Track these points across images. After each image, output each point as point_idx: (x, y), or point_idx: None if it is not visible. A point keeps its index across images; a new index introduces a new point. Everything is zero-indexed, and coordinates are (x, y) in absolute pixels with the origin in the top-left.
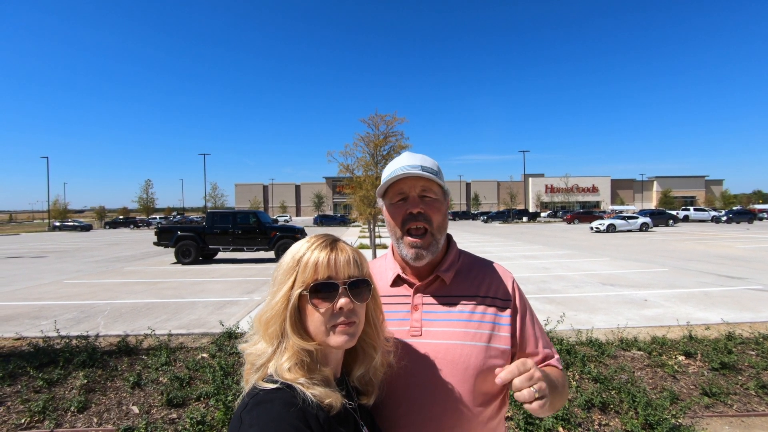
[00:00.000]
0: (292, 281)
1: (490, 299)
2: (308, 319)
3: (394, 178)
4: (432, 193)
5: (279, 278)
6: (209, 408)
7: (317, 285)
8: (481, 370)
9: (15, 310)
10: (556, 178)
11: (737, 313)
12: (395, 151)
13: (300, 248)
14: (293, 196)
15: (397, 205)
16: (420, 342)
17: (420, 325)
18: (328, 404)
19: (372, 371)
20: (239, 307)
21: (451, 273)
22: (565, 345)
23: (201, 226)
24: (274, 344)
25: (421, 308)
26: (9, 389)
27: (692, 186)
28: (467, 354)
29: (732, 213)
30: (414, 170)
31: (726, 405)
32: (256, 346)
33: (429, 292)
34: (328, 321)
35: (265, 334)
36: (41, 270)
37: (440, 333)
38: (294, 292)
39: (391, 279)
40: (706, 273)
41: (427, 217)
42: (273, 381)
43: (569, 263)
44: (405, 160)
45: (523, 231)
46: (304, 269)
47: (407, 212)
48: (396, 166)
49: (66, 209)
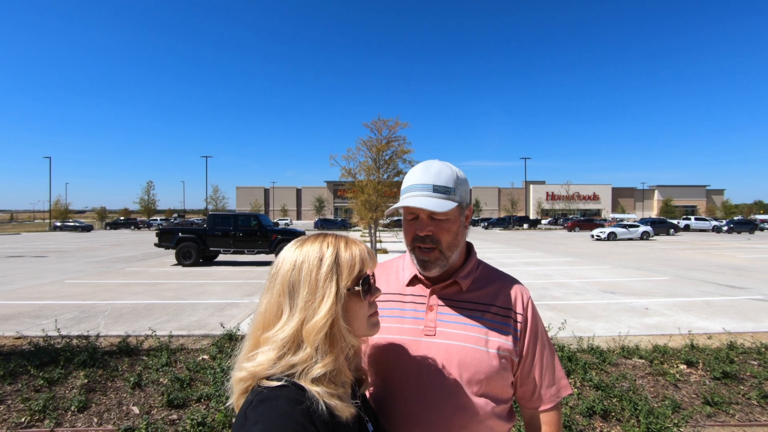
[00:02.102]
0: (336, 281)
1: (504, 310)
2: (353, 314)
3: (404, 201)
4: (441, 215)
5: (315, 283)
6: (210, 409)
7: (366, 278)
8: (492, 375)
9: (16, 309)
10: (557, 185)
11: (739, 322)
12: (397, 156)
13: (324, 249)
14: (294, 200)
15: (409, 222)
16: (433, 341)
17: (434, 325)
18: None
19: (360, 358)
20: (240, 310)
21: (468, 280)
22: (567, 352)
23: (202, 228)
24: (322, 351)
25: (436, 309)
26: (9, 388)
27: (693, 195)
28: (479, 358)
29: (733, 223)
30: (422, 193)
31: (728, 414)
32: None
33: (445, 295)
34: (368, 312)
35: (313, 343)
36: (42, 269)
37: (454, 335)
38: (342, 291)
39: (408, 278)
40: (707, 282)
41: (435, 239)
42: (278, 379)
43: (570, 270)
44: (419, 177)
45: (524, 238)
46: (350, 267)
47: (416, 233)
48: (411, 182)
49: (67, 209)
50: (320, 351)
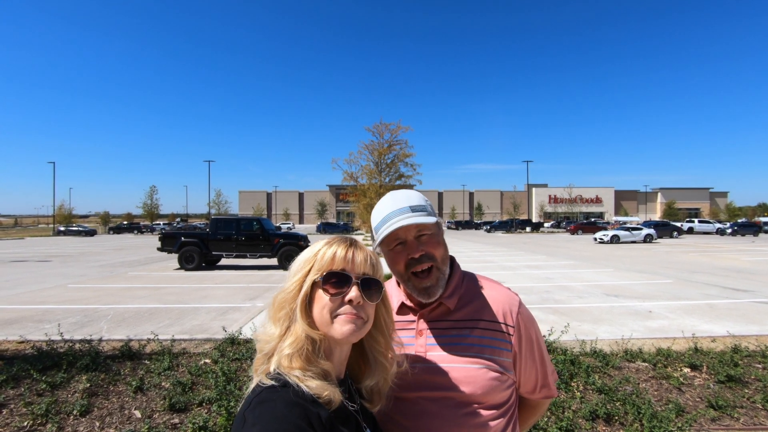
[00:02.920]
0: (308, 269)
1: (493, 323)
2: (315, 305)
3: (389, 231)
4: (427, 230)
5: (295, 267)
6: (211, 413)
7: (331, 273)
8: (488, 390)
9: (19, 314)
10: (559, 188)
11: (743, 325)
12: (399, 160)
13: (320, 243)
14: (296, 204)
15: (396, 250)
16: (425, 366)
17: (425, 350)
18: (327, 398)
19: (383, 381)
20: (242, 314)
21: (454, 299)
22: (569, 355)
23: (205, 232)
24: (282, 328)
25: (425, 333)
26: (12, 392)
27: (697, 198)
28: (472, 376)
29: (737, 225)
30: (404, 215)
31: (732, 418)
32: (266, 330)
33: (433, 318)
34: (335, 310)
35: (275, 317)
36: (46, 274)
37: (444, 357)
38: (308, 278)
39: (396, 306)
40: (711, 285)
41: (430, 255)
42: (276, 378)
43: (573, 274)
44: (391, 204)
45: (526, 241)
46: (321, 258)
47: (409, 257)
48: (385, 212)
49: (71, 214)
50: (282, 325)
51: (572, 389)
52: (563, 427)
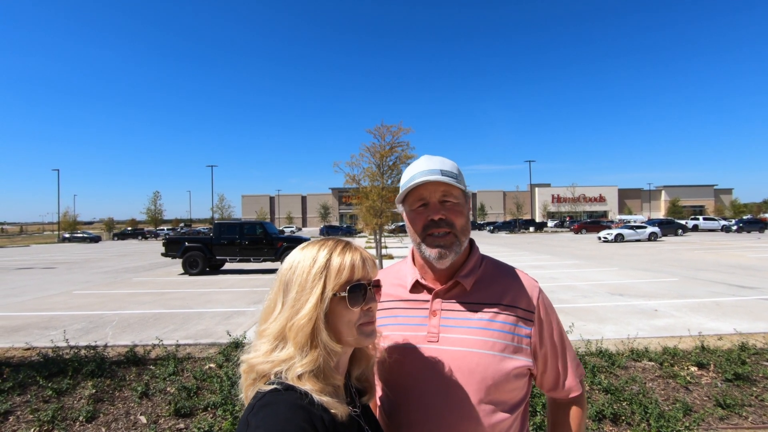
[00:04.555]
0: (323, 284)
1: (512, 308)
2: (339, 320)
3: (413, 184)
4: (453, 198)
5: (304, 283)
6: (217, 418)
7: (354, 286)
8: (499, 380)
9: (25, 321)
10: (562, 187)
11: (750, 323)
12: (401, 162)
13: (320, 252)
14: (299, 207)
15: (418, 211)
16: (436, 348)
17: (437, 331)
18: (335, 413)
19: (369, 369)
20: (246, 318)
21: (471, 279)
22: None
23: (208, 236)
24: (304, 350)
25: (439, 314)
26: (19, 399)
27: (701, 195)
28: (485, 363)
29: (742, 222)
30: (433, 175)
31: (741, 417)
32: (282, 352)
33: (448, 298)
34: (358, 321)
35: (295, 340)
36: (51, 281)
37: (458, 340)
38: (327, 294)
39: (411, 284)
40: (717, 283)
41: (449, 222)
42: (278, 383)
43: (577, 273)
44: (424, 165)
45: (530, 241)
46: (339, 271)
47: (428, 219)
48: (415, 170)
49: (75, 221)
50: (301, 350)
51: None
52: None
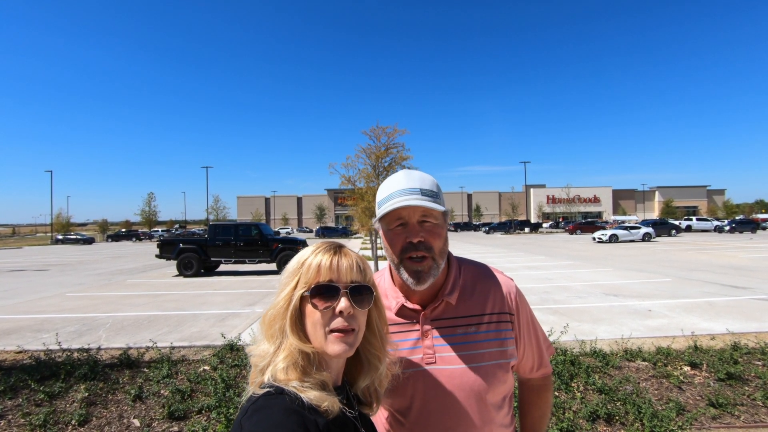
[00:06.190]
0: (295, 282)
1: (496, 315)
2: (308, 321)
3: (392, 208)
4: (432, 218)
5: (284, 280)
6: (211, 421)
7: (319, 286)
8: (493, 385)
9: (17, 323)
10: (557, 188)
11: (742, 323)
12: (396, 163)
13: (305, 252)
14: (295, 208)
15: (396, 231)
16: (436, 368)
17: (433, 351)
18: (325, 408)
19: (377, 381)
20: (241, 320)
21: (455, 294)
22: (569, 356)
23: (203, 238)
24: (275, 344)
25: (431, 334)
26: (10, 402)
27: (694, 196)
28: (483, 374)
29: (735, 222)
30: (413, 196)
31: (733, 416)
32: (260, 347)
33: (436, 316)
34: (327, 324)
35: (267, 333)
36: (44, 283)
37: (455, 358)
38: (296, 292)
39: (396, 308)
40: (710, 283)
41: (428, 245)
42: (271, 386)
43: (572, 274)
44: (403, 182)
45: (525, 242)
46: (307, 271)
47: (407, 241)
48: (393, 188)
49: (69, 222)
50: (272, 343)
51: (572, 390)
52: (564, 428)
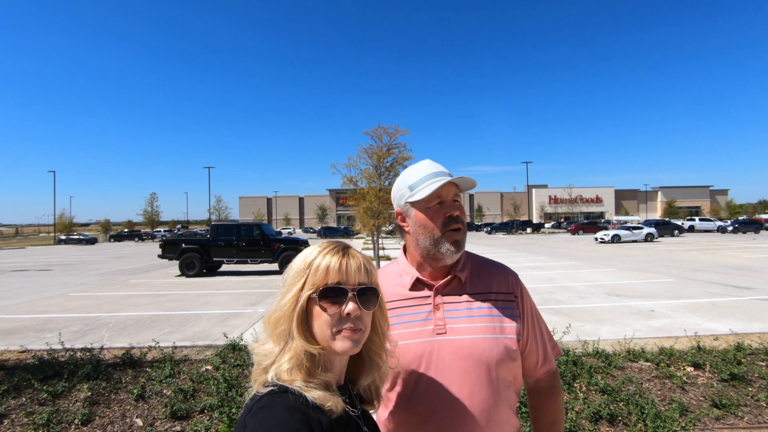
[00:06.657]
0: (302, 283)
1: (502, 294)
2: (315, 322)
3: (432, 184)
4: (459, 198)
5: (289, 280)
6: (213, 420)
7: (327, 289)
8: (501, 360)
9: (20, 323)
10: (559, 189)
11: (746, 323)
12: (398, 163)
13: (312, 252)
14: (297, 208)
15: (434, 208)
16: (446, 339)
17: (444, 323)
18: (329, 408)
19: (378, 379)
20: (243, 320)
21: (466, 272)
22: (572, 356)
23: (205, 238)
24: (280, 345)
25: (442, 307)
26: (14, 402)
27: (697, 196)
28: (490, 347)
29: (738, 223)
30: (446, 177)
31: (737, 417)
32: (264, 346)
33: (448, 292)
34: (335, 325)
35: (272, 334)
36: (47, 283)
37: (464, 329)
38: (303, 294)
39: (410, 282)
40: (713, 283)
41: (461, 219)
42: (275, 385)
43: (574, 274)
44: (431, 168)
45: (527, 242)
46: (315, 272)
47: (447, 215)
48: (423, 173)
49: (71, 223)
50: (278, 344)
51: (575, 390)
52: (566, 429)
